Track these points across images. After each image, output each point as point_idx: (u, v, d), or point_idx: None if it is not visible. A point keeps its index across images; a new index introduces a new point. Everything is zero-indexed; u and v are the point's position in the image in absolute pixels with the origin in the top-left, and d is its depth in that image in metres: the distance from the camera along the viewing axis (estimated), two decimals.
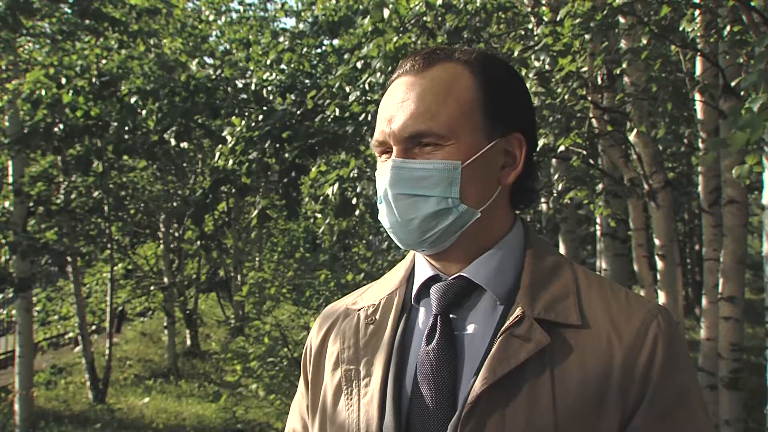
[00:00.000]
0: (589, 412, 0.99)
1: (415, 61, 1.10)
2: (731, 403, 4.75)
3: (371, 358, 1.11)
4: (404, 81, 1.09)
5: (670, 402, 1.01)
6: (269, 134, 7.34)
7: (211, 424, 9.88)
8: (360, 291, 1.25)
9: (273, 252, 10.58)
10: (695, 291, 15.71)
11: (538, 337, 1.01)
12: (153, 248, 14.71)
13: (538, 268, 1.09)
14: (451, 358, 1.05)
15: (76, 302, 11.80)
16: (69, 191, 10.70)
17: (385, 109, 1.10)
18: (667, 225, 4.83)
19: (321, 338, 1.22)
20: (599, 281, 1.10)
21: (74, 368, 13.02)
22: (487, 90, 1.08)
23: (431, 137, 1.05)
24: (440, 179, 1.05)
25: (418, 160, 1.06)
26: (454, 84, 1.07)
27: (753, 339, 11.00)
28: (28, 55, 9.65)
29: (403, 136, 1.06)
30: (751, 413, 6.45)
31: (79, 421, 9.89)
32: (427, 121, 1.05)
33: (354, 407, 1.09)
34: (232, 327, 14.86)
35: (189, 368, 13.94)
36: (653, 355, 1.01)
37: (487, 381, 1.00)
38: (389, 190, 1.07)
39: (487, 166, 1.07)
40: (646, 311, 1.05)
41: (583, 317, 1.04)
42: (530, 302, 1.05)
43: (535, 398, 1.00)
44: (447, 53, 1.11)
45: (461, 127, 1.05)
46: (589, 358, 1.01)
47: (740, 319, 4.73)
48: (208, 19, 13.89)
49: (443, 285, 1.10)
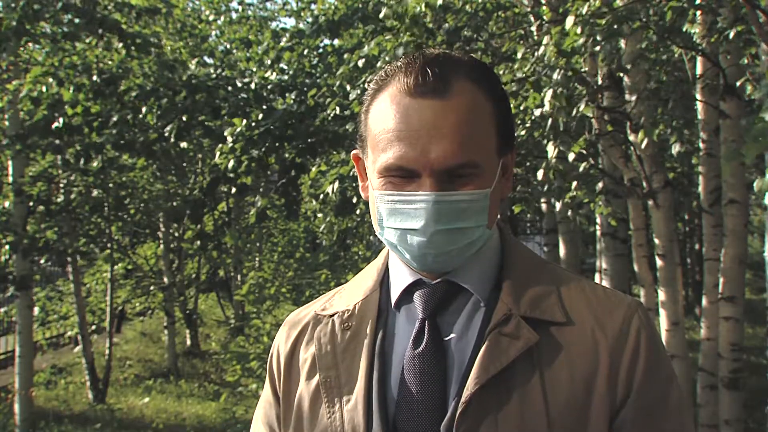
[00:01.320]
0: (580, 407, 1.01)
1: (424, 76, 1.03)
2: (731, 403, 4.75)
3: (351, 364, 1.10)
4: (426, 103, 1.02)
5: (657, 392, 1.04)
6: (269, 133, 7.34)
7: (211, 424, 9.88)
8: (328, 296, 1.23)
9: (273, 252, 10.59)
10: (695, 291, 15.70)
11: (526, 335, 1.03)
12: (153, 248, 14.70)
13: (518, 268, 1.11)
14: (439, 362, 1.05)
15: (76, 302, 11.80)
16: (69, 190, 10.68)
17: (406, 132, 1.02)
18: (667, 225, 4.83)
19: (291, 346, 1.19)
20: (576, 279, 1.12)
21: (74, 368, 13.02)
22: (498, 109, 1.08)
23: (470, 168, 1.03)
24: (478, 209, 1.05)
25: (459, 191, 1.03)
26: (479, 108, 1.05)
27: (753, 339, 11.01)
28: (28, 55, 9.66)
29: (443, 167, 1.01)
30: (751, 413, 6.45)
31: (79, 421, 9.89)
32: (468, 152, 1.02)
33: (336, 414, 1.08)
34: (232, 327, 14.86)
35: (189, 368, 13.94)
36: (638, 347, 1.04)
37: (480, 380, 1.00)
38: (432, 224, 1.02)
39: (499, 185, 1.09)
40: (626, 305, 1.07)
41: (567, 314, 1.06)
42: (515, 301, 1.06)
43: (526, 396, 1.01)
44: (454, 67, 1.05)
45: (487, 153, 1.06)
46: (576, 354, 1.03)
47: (740, 319, 4.74)
48: (208, 18, 13.90)
49: (428, 290, 1.10)
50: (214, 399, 11.08)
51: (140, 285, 14.45)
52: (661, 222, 4.80)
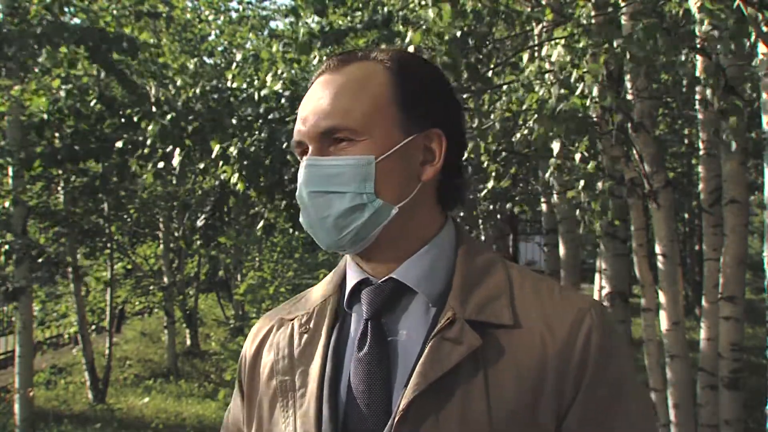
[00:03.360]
0: (525, 412, 0.98)
1: (331, 61, 1.08)
2: (731, 403, 4.75)
3: (306, 368, 1.09)
4: (320, 80, 1.08)
5: (606, 396, 1.01)
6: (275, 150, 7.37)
7: (211, 424, 9.87)
8: (294, 300, 1.22)
9: (273, 252, 10.59)
10: (695, 291, 15.70)
11: (469, 340, 0.99)
12: (153, 248, 14.70)
13: (469, 268, 1.07)
14: (383, 364, 1.03)
15: (76, 302, 11.79)
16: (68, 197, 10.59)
17: (301, 110, 1.08)
18: (668, 225, 4.83)
19: (255, 350, 1.19)
20: (533, 279, 1.08)
21: (74, 368, 13.02)
22: (403, 85, 1.06)
23: (344, 132, 1.03)
24: (354, 175, 1.02)
25: (332, 156, 1.04)
26: (369, 80, 1.06)
27: (753, 339, 11.02)
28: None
29: (316, 132, 1.04)
30: (751, 413, 6.44)
31: (79, 421, 9.88)
32: (340, 116, 1.03)
33: (291, 419, 1.07)
34: (232, 327, 14.86)
35: (189, 368, 13.94)
36: (587, 350, 1.00)
37: (419, 387, 0.98)
38: (303, 188, 1.05)
39: (405, 162, 1.05)
40: (579, 307, 1.03)
41: (516, 317, 1.02)
42: (461, 304, 1.03)
43: (469, 401, 0.98)
44: (365, 53, 1.09)
45: (375, 122, 1.04)
46: (523, 358, 1.00)
47: (740, 319, 4.73)
48: (207, 18, 13.87)
49: (373, 289, 1.08)
50: (213, 398, 11.09)
51: (140, 285, 14.45)
52: (662, 222, 4.79)
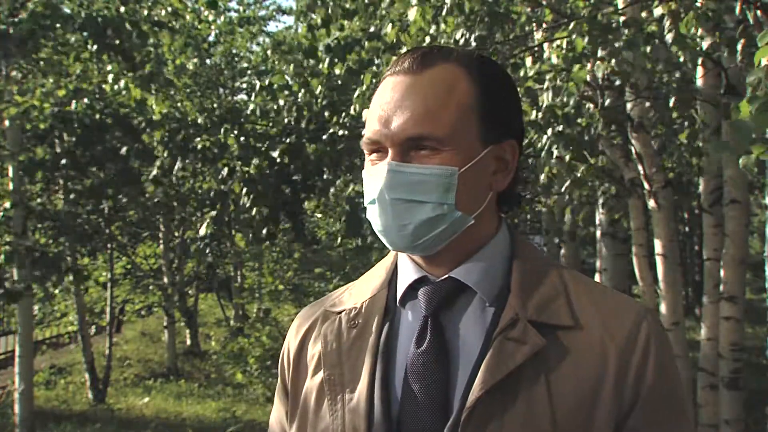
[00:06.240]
0: (585, 414, 0.99)
1: (413, 59, 1.06)
2: (731, 403, 4.75)
3: (355, 363, 1.09)
4: (401, 80, 1.06)
5: (663, 402, 1.03)
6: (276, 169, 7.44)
7: (211, 424, 9.87)
8: (338, 293, 1.22)
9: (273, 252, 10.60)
10: (695, 291, 15.71)
11: (533, 340, 1.01)
12: (153, 248, 14.69)
13: (526, 270, 1.09)
14: (443, 361, 1.04)
15: (76, 301, 11.78)
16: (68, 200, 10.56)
17: (380, 108, 1.06)
18: (668, 225, 4.83)
19: (300, 341, 1.19)
20: (585, 282, 1.10)
21: (74, 368, 13.02)
22: (485, 95, 1.06)
23: (430, 141, 1.03)
24: (437, 185, 1.03)
25: (415, 164, 1.03)
26: (455, 87, 1.05)
27: (753, 339, 11.01)
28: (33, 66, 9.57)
29: (401, 138, 1.03)
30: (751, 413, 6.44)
31: (79, 421, 9.88)
32: (430, 125, 1.02)
33: (339, 413, 1.07)
34: (232, 327, 14.86)
35: (189, 368, 13.94)
36: (647, 355, 1.02)
37: (486, 385, 0.99)
38: (386, 192, 1.04)
39: (481, 172, 1.06)
40: (636, 312, 1.05)
41: (575, 318, 1.04)
42: (522, 304, 1.04)
43: (531, 401, 0.99)
44: (445, 53, 1.08)
45: (460, 132, 1.04)
46: (584, 360, 1.01)
47: (741, 319, 4.73)
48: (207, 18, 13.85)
49: (432, 287, 1.09)
50: (214, 398, 11.09)
51: (140, 284, 14.43)
52: (662, 222, 4.79)
